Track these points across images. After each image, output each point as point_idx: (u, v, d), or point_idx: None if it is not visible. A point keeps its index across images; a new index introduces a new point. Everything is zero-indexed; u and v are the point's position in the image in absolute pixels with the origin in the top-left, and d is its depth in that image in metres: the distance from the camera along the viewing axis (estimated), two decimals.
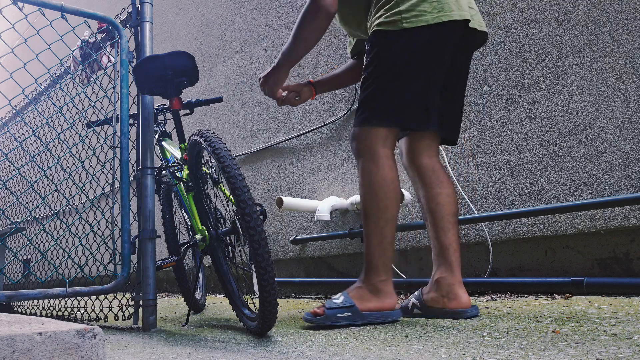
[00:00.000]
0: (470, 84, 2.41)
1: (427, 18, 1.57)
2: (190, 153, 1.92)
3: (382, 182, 1.63)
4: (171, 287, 4.34)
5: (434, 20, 1.57)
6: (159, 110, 2.48)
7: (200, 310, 2.60)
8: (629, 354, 1.03)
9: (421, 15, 1.57)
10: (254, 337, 1.62)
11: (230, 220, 1.89)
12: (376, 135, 1.65)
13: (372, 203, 1.64)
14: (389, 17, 1.60)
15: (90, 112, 2.90)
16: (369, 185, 1.64)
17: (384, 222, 1.63)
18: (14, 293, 1.90)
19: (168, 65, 1.92)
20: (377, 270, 1.63)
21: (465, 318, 1.61)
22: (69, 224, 2.44)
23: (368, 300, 1.62)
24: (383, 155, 1.64)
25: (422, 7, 1.58)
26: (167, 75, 1.94)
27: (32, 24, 2.19)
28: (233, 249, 1.92)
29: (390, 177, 1.64)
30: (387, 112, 1.65)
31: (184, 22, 4.63)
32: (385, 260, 1.64)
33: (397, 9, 1.59)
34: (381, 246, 1.63)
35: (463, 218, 2.28)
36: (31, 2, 2.04)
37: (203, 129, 1.76)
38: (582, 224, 2.00)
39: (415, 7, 1.58)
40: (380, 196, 1.62)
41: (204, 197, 1.96)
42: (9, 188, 2.83)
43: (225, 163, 1.59)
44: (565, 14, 2.13)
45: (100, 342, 0.86)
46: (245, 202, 1.51)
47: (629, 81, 1.94)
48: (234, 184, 1.54)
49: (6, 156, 2.74)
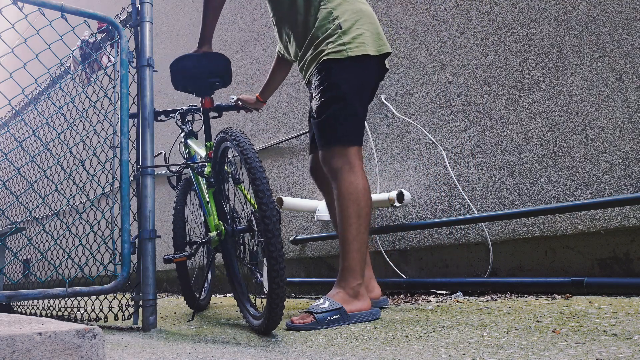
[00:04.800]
0: (470, 83, 2.41)
1: (367, 48, 1.82)
2: (216, 150, 1.96)
3: (363, 192, 1.77)
4: (171, 287, 4.34)
5: (373, 51, 1.84)
6: (188, 110, 2.54)
7: (203, 309, 2.61)
8: (629, 354, 1.03)
9: (361, 46, 1.82)
10: (254, 337, 1.62)
11: (247, 219, 1.95)
12: (351, 151, 1.81)
13: (354, 211, 1.76)
14: (335, 49, 1.82)
15: (90, 112, 2.90)
16: (352, 195, 1.76)
17: (364, 228, 1.77)
18: (14, 293, 1.90)
19: (204, 65, 1.99)
20: (356, 274, 1.75)
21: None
22: (69, 224, 2.44)
23: (350, 303, 1.73)
24: (360, 168, 1.81)
25: (361, 40, 1.83)
26: (202, 75, 2.00)
27: (32, 24, 2.19)
28: (245, 248, 1.97)
29: (367, 186, 1.81)
30: (357, 131, 1.84)
31: (184, 22, 4.63)
32: (362, 264, 1.77)
33: (340, 41, 1.82)
34: (360, 251, 1.76)
35: (463, 218, 2.28)
36: (31, 2, 2.04)
37: (231, 127, 1.80)
38: (582, 224, 2.00)
39: (355, 40, 1.82)
40: (362, 204, 1.76)
41: (223, 196, 2.01)
42: (9, 188, 2.83)
43: (248, 155, 1.64)
44: (565, 14, 2.13)
45: (100, 342, 0.86)
46: (264, 192, 1.56)
47: (629, 81, 1.94)
48: (254, 174, 1.59)
49: (6, 156, 2.74)
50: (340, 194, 1.78)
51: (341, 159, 1.80)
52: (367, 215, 1.78)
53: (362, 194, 1.76)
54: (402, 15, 2.73)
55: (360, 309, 1.74)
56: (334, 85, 1.81)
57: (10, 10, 2.74)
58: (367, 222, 1.78)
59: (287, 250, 3.13)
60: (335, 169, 1.80)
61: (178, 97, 4.56)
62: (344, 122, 1.81)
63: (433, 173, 2.51)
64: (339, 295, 1.74)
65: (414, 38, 2.66)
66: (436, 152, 2.50)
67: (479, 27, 2.40)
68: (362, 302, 1.75)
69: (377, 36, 1.88)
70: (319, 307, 1.70)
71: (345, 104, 1.81)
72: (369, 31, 1.85)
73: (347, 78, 1.82)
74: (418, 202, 2.55)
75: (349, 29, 1.83)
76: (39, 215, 3.94)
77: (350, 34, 1.82)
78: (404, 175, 2.64)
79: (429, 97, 2.57)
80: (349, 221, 1.75)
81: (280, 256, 1.53)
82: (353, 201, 1.75)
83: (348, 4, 1.87)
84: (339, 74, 1.81)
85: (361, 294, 1.76)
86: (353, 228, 1.75)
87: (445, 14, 2.54)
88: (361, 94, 1.86)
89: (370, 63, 1.85)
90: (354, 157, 1.80)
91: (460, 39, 2.47)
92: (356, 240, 1.75)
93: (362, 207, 1.76)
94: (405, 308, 2.01)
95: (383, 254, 2.64)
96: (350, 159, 1.79)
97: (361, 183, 1.77)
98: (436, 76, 2.55)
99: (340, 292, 1.75)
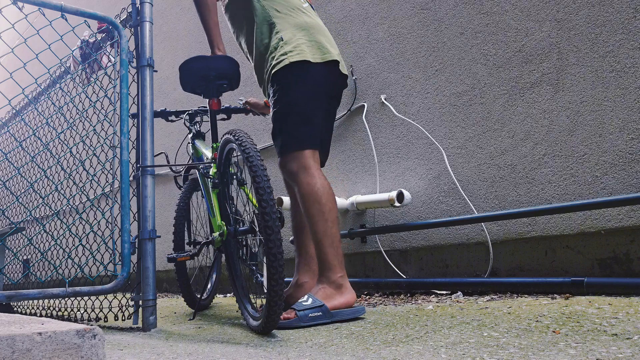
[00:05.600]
0: (470, 83, 2.41)
1: (306, 55, 1.91)
2: (221, 151, 1.99)
3: (323, 189, 1.84)
4: (171, 287, 4.34)
5: (312, 58, 1.92)
6: (197, 111, 2.56)
7: (205, 308, 2.62)
8: (629, 354, 1.03)
9: (301, 53, 1.91)
10: (254, 337, 1.62)
11: (249, 220, 1.98)
12: (305, 155, 1.89)
13: (317, 209, 1.83)
14: (279, 59, 1.93)
15: (90, 112, 2.90)
16: (312, 194, 1.83)
17: (331, 223, 1.83)
18: (14, 293, 1.90)
19: (213, 67, 2.01)
20: (334, 268, 1.81)
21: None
22: (69, 224, 2.44)
23: (333, 298, 1.78)
24: (315, 168, 1.89)
25: (301, 49, 1.92)
26: (210, 76, 2.02)
27: (32, 24, 2.19)
28: (247, 249, 1.99)
29: (327, 185, 1.87)
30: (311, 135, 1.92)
31: (184, 22, 4.63)
32: (339, 257, 1.83)
33: (282, 51, 1.93)
34: (333, 246, 1.82)
35: (463, 218, 2.28)
36: (31, 2, 2.04)
37: (237, 129, 1.83)
38: (582, 224, 2.00)
39: (296, 49, 1.92)
40: (323, 201, 1.83)
41: (227, 197, 2.03)
42: (9, 188, 2.83)
43: (250, 154, 1.67)
44: (565, 14, 2.13)
45: (100, 342, 0.86)
46: (264, 189, 1.58)
47: (629, 81, 1.94)
48: (255, 172, 1.62)
49: (6, 156, 2.74)
50: (301, 196, 1.86)
51: (296, 163, 1.88)
52: (331, 211, 1.84)
53: (321, 192, 1.83)
54: (402, 15, 2.74)
55: (344, 304, 1.78)
56: (284, 94, 1.92)
57: (10, 10, 2.74)
58: (333, 217, 1.84)
59: (287, 250, 3.13)
60: (292, 173, 1.89)
61: (178, 97, 4.56)
62: (297, 128, 1.90)
63: (433, 173, 2.51)
64: (322, 291, 1.79)
65: (414, 38, 2.66)
66: (436, 152, 2.50)
67: (479, 27, 2.40)
68: (346, 295, 1.80)
69: (318, 45, 1.96)
70: (302, 304, 1.75)
71: (297, 110, 1.91)
72: (310, 41, 1.95)
73: (294, 84, 1.91)
74: (418, 202, 2.55)
75: (290, 39, 1.94)
76: (39, 215, 3.94)
77: (291, 44, 1.93)
78: (404, 175, 2.64)
79: (429, 97, 2.57)
80: (314, 220, 1.82)
81: (280, 253, 1.54)
82: (313, 201, 1.83)
83: (292, 17, 1.99)
84: (285, 82, 1.92)
85: (344, 286, 1.81)
86: (320, 226, 1.82)
87: (445, 14, 2.55)
88: (313, 100, 1.94)
89: (314, 70, 1.92)
90: (309, 159, 1.88)
91: (460, 39, 2.47)
92: (326, 237, 1.81)
93: (324, 204, 1.83)
94: (405, 308, 2.01)
95: (383, 254, 2.64)
96: (305, 162, 1.88)
97: (319, 182, 1.85)
98: (436, 76, 2.55)
99: (322, 288, 1.80)
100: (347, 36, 3.00)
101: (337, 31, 3.05)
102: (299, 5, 2.04)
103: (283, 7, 2.00)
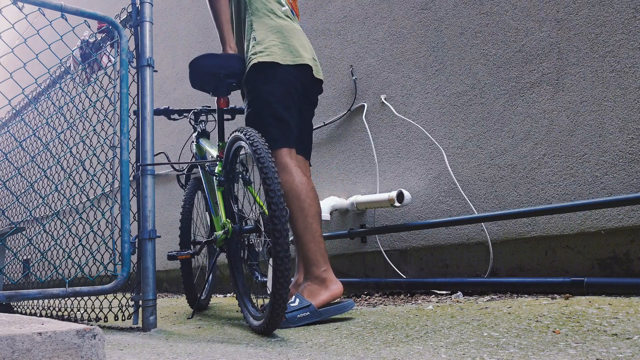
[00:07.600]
0: (470, 83, 2.41)
1: (275, 57, 1.94)
2: (229, 149, 1.97)
3: (300, 186, 1.86)
4: (171, 287, 4.34)
5: (282, 60, 1.95)
6: (202, 110, 2.56)
7: (203, 308, 2.61)
8: (629, 354, 1.03)
9: (271, 54, 1.95)
10: (254, 337, 1.62)
11: (254, 219, 1.98)
12: (282, 153, 1.91)
13: (296, 205, 1.84)
14: (250, 59, 1.98)
15: (90, 112, 2.90)
16: (290, 191, 1.85)
17: (311, 218, 1.85)
18: (14, 293, 1.90)
19: (222, 65, 2.02)
20: (318, 262, 1.83)
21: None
22: (69, 224, 2.44)
23: (319, 294, 1.80)
24: (293, 166, 1.90)
25: (271, 50, 1.96)
26: (220, 74, 2.03)
27: (32, 24, 2.19)
28: (251, 249, 1.99)
29: (305, 181, 1.89)
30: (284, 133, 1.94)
31: (184, 22, 4.63)
32: (321, 252, 1.85)
33: (254, 51, 1.97)
34: (314, 241, 1.84)
35: (463, 218, 2.28)
36: (31, 2, 2.04)
37: (246, 127, 1.80)
38: (582, 224, 2.00)
39: (266, 50, 1.96)
40: (302, 197, 1.85)
41: (232, 196, 2.03)
42: (9, 188, 2.83)
43: (261, 155, 1.64)
44: (565, 14, 2.13)
45: (100, 342, 0.86)
46: (274, 192, 1.57)
47: (629, 81, 1.94)
48: (266, 173, 1.60)
49: (6, 156, 2.75)
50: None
51: (275, 161, 1.89)
52: (311, 206, 1.85)
53: (300, 188, 1.85)
54: (402, 15, 2.74)
55: (330, 298, 1.80)
56: (255, 95, 1.96)
57: (10, 10, 2.74)
58: (313, 213, 1.86)
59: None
60: None
61: (178, 97, 4.56)
62: (270, 127, 1.92)
63: (433, 173, 2.51)
64: (307, 288, 1.82)
65: (414, 38, 2.66)
66: (436, 152, 2.50)
67: (479, 27, 2.40)
68: (331, 288, 1.82)
69: (291, 48, 1.99)
70: (290, 305, 1.76)
71: (268, 110, 1.93)
72: (283, 44, 1.99)
73: (264, 85, 1.94)
74: (418, 202, 2.55)
75: (262, 40, 1.99)
76: (39, 215, 3.94)
77: (262, 45, 1.98)
78: (404, 175, 2.64)
79: (429, 97, 2.57)
80: (293, 216, 1.84)
81: (287, 257, 1.53)
82: (292, 197, 1.84)
83: (269, 18, 2.03)
84: (255, 83, 1.96)
85: (329, 279, 1.83)
86: (299, 222, 1.84)
87: (445, 14, 2.55)
88: (285, 99, 1.96)
89: (283, 70, 1.95)
90: (285, 157, 1.90)
91: (460, 39, 2.47)
92: (306, 232, 1.83)
93: (303, 200, 1.84)
94: (405, 308, 2.01)
95: (383, 254, 2.64)
96: (281, 160, 1.90)
97: (296, 179, 1.86)
98: (436, 76, 2.55)
99: (307, 285, 1.83)
100: (347, 36, 3.00)
101: (337, 31, 3.05)
102: (276, 8, 2.07)
103: (262, 7, 2.04)
